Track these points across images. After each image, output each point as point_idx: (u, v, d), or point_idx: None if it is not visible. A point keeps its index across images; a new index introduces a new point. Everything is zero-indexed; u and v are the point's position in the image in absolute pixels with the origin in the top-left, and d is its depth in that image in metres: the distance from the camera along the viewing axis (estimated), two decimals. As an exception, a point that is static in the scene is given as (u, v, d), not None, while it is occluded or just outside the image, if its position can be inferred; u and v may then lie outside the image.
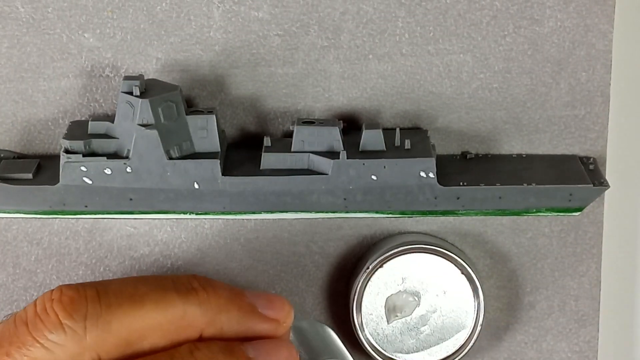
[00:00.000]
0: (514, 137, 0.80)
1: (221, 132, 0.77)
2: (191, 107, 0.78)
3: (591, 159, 0.80)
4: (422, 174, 0.74)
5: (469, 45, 0.78)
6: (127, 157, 0.74)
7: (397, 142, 0.76)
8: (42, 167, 0.78)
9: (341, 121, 0.77)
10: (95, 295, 0.59)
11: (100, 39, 0.77)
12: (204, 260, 0.83)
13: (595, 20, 0.77)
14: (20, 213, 0.78)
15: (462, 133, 0.80)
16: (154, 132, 0.73)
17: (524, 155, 0.81)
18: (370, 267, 0.80)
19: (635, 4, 0.76)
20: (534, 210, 0.78)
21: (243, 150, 0.79)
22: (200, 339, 0.60)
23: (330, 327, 0.85)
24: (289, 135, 0.77)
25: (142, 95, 0.73)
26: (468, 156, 0.80)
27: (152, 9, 0.76)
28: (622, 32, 0.77)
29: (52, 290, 0.60)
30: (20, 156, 0.80)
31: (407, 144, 0.75)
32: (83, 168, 0.74)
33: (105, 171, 0.74)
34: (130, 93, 0.74)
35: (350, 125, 0.79)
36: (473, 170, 0.78)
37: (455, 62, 0.78)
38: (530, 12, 0.77)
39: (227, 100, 0.79)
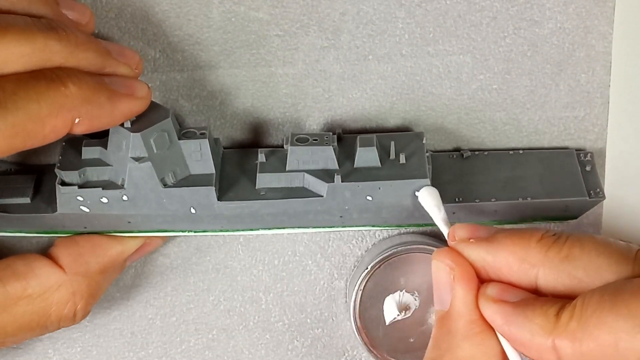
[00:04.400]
0: (513, 138, 0.80)
1: (215, 146, 0.76)
2: (185, 127, 0.76)
3: (588, 155, 0.79)
4: (417, 193, 0.74)
5: (468, 46, 0.77)
6: (122, 186, 0.73)
7: (392, 155, 0.75)
8: (38, 185, 0.77)
9: (335, 135, 0.76)
10: None
11: (99, 38, 0.77)
12: (203, 259, 0.84)
13: (594, 22, 0.77)
14: (21, 233, 0.78)
15: (461, 134, 0.80)
16: (148, 164, 0.72)
17: (521, 152, 0.80)
18: (370, 267, 0.80)
19: (635, 6, 0.76)
20: (531, 219, 0.78)
21: (239, 158, 0.78)
22: None
23: (329, 327, 0.86)
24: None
25: (133, 124, 0.71)
26: (464, 154, 0.80)
27: (151, 9, 0.76)
28: (622, 34, 0.77)
29: None
30: (17, 170, 0.80)
31: (402, 158, 0.75)
32: (79, 198, 0.73)
33: (102, 200, 0.73)
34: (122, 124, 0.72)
35: (347, 124, 0.80)
36: (468, 179, 0.78)
37: (455, 63, 0.78)
38: (530, 13, 0.76)
39: (227, 100, 0.79)
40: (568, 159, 0.79)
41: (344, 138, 0.77)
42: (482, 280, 0.64)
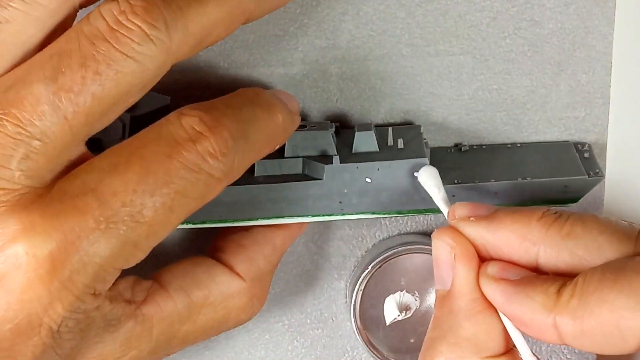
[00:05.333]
0: (513, 138, 0.80)
1: None
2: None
3: (586, 145, 0.80)
4: (416, 174, 0.74)
5: (468, 46, 0.77)
6: None
7: (390, 141, 0.75)
8: None
9: (334, 123, 0.76)
10: (163, 1, 0.60)
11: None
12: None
13: (595, 22, 0.76)
14: None
15: (462, 134, 0.80)
16: None
17: (519, 145, 0.80)
18: (370, 267, 0.80)
19: (635, 6, 0.75)
20: (530, 202, 0.78)
21: None
22: None
23: (329, 327, 0.85)
24: None
25: (132, 110, 0.72)
26: (462, 148, 0.80)
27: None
28: (622, 34, 0.76)
29: (112, 1, 0.60)
30: None
31: (400, 143, 0.75)
32: None
33: None
34: None
35: (346, 123, 0.79)
36: (467, 165, 0.78)
37: (455, 63, 0.78)
38: (530, 13, 0.76)
39: (226, 100, 0.79)
40: (566, 149, 0.79)
41: (343, 132, 0.77)
42: (483, 258, 0.64)
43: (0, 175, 0.59)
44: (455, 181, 0.76)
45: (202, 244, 0.82)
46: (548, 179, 0.76)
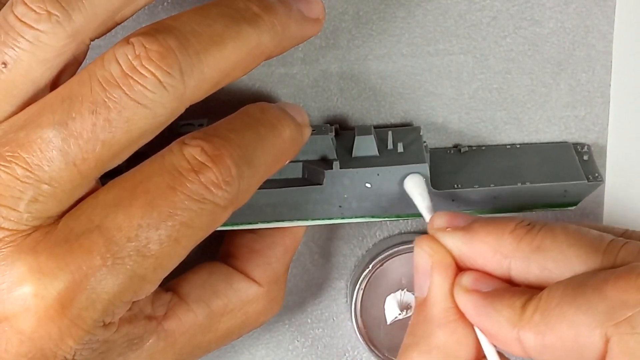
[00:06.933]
0: (514, 137, 0.80)
1: None
2: (184, 120, 0.77)
3: (585, 147, 0.80)
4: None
5: (469, 46, 0.77)
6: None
7: (390, 145, 0.75)
8: None
9: (333, 127, 0.76)
10: (180, 45, 0.59)
11: (102, 37, 0.77)
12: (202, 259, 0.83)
13: (595, 22, 0.76)
14: None
15: (462, 134, 0.80)
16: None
17: (518, 146, 0.80)
18: (370, 267, 0.80)
19: (635, 5, 0.75)
20: (530, 206, 0.78)
21: None
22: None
23: (330, 327, 0.85)
24: None
25: None
26: (462, 150, 0.80)
27: (154, 8, 0.76)
28: (622, 33, 0.76)
29: (128, 44, 0.59)
30: None
31: (400, 147, 0.75)
32: None
33: None
34: None
35: (346, 123, 0.79)
36: (467, 168, 0.78)
37: (456, 62, 0.78)
38: (531, 12, 0.76)
39: (226, 100, 0.79)
40: (565, 150, 0.79)
41: (342, 134, 0.77)
42: (461, 268, 0.64)
43: (8, 217, 0.59)
44: (455, 186, 0.76)
45: (206, 245, 0.82)
46: (547, 184, 0.76)
